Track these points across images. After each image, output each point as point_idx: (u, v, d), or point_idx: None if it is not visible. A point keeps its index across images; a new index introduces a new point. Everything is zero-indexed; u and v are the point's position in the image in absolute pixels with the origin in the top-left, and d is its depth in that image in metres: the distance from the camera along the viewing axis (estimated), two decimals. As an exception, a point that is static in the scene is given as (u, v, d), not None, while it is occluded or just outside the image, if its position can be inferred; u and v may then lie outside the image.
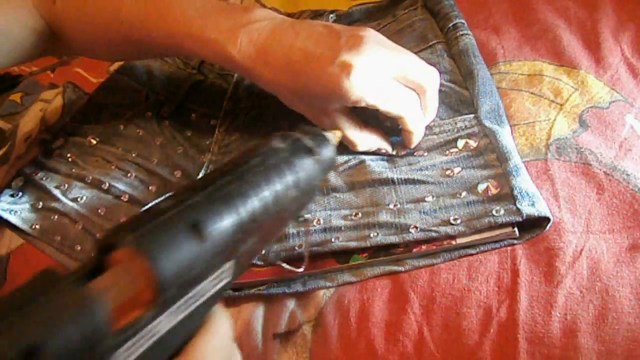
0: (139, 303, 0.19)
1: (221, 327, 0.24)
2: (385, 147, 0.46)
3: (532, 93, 0.48)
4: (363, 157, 0.46)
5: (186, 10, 0.44)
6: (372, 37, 0.42)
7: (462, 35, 0.52)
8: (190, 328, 0.22)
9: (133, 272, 0.18)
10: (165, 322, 0.20)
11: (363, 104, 0.41)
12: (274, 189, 0.25)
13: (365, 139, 0.45)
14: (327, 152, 0.31)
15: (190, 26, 0.44)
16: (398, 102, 0.42)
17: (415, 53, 0.53)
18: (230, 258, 0.22)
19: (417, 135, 0.45)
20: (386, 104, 0.41)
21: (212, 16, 0.44)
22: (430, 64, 0.52)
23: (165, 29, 0.45)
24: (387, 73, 0.41)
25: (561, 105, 0.46)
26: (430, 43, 0.54)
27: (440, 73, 0.51)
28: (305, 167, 0.27)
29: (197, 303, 0.21)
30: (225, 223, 0.21)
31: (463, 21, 0.54)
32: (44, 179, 0.53)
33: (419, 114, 0.44)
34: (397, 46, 0.44)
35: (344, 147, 0.47)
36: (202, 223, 0.21)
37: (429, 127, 0.47)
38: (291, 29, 0.43)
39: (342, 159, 0.46)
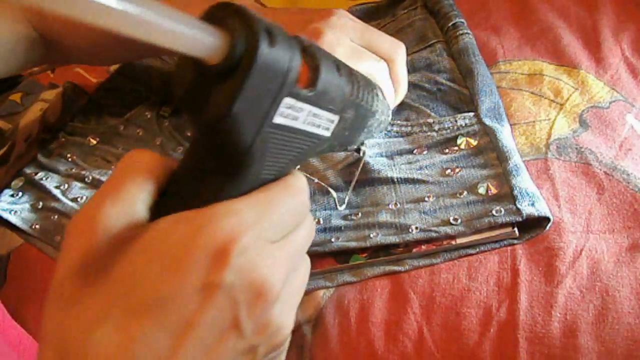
0: (305, 84, 0.23)
1: (304, 178, 0.28)
2: None
3: (532, 93, 0.48)
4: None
5: (173, 2, 0.45)
6: (342, 12, 0.44)
7: (461, 34, 0.52)
8: (288, 159, 0.26)
9: (305, 66, 0.23)
10: (302, 116, 0.24)
11: None
12: (369, 93, 0.31)
13: None
14: (388, 105, 0.38)
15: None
16: (367, 67, 0.43)
17: (415, 52, 0.53)
18: (339, 112, 0.27)
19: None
20: (354, 66, 0.43)
21: (197, 5, 0.46)
22: (430, 63, 0.52)
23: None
24: (355, 40, 0.43)
25: (561, 104, 0.46)
26: (430, 42, 0.54)
27: (440, 72, 0.51)
28: (382, 102, 0.34)
29: (312, 128, 0.26)
30: (349, 80, 0.27)
31: (463, 20, 0.54)
32: (44, 179, 0.53)
33: (387, 80, 0.45)
34: (365, 25, 0.46)
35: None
36: (342, 68, 0.27)
37: (428, 125, 0.47)
38: (270, 11, 0.47)
39: (340, 156, 0.46)
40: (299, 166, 0.29)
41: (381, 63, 0.44)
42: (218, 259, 0.22)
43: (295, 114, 0.23)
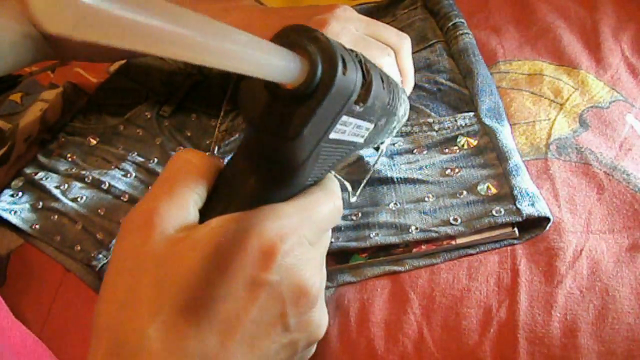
0: (358, 95, 0.24)
1: (337, 182, 0.29)
2: None
3: (532, 92, 0.48)
4: (362, 154, 0.46)
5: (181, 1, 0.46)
6: (346, 6, 0.45)
7: (461, 34, 0.52)
8: (328, 164, 0.27)
9: (359, 73, 0.24)
10: (349, 129, 0.25)
11: None
12: (398, 99, 0.32)
13: None
14: (408, 103, 0.39)
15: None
16: (374, 57, 0.43)
17: (415, 52, 0.53)
18: (375, 120, 0.28)
19: None
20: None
21: (204, 2, 0.48)
22: (430, 63, 0.52)
23: None
24: (360, 30, 0.44)
25: (561, 104, 0.46)
26: (430, 42, 0.54)
27: (440, 72, 0.51)
28: (405, 100, 0.36)
29: (352, 138, 0.27)
30: (388, 90, 0.29)
31: (463, 20, 0.54)
32: (44, 179, 0.53)
33: (397, 73, 0.45)
34: (370, 18, 0.46)
35: None
36: (384, 79, 0.28)
37: (428, 124, 0.47)
38: (274, 10, 0.48)
39: None
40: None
41: (388, 51, 0.44)
42: (265, 259, 0.23)
43: (345, 128, 0.25)
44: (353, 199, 0.43)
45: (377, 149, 0.41)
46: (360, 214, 0.42)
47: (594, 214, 0.39)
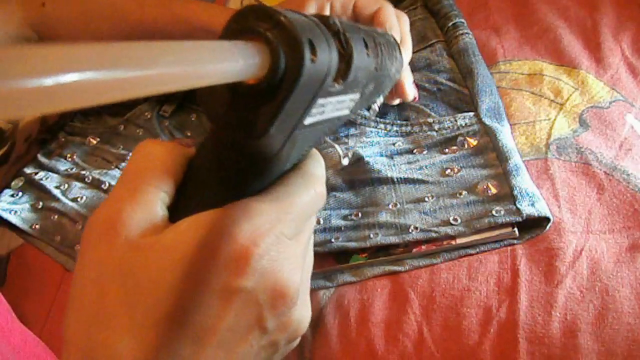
0: (334, 76, 0.22)
1: (322, 160, 0.27)
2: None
3: (532, 92, 0.48)
4: (361, 153, 0.46)
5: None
6: None
7: (461, 34, 0.52)
8: (309, 144, 0.25)
9: (334, 52, 0.22)
10: (329, 108, 0.23)
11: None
12: (390, 57, 0.30)
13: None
14: (402, 58, 0.37)
15: (194, 10, 0.47)
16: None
17: (415, 52, 0.53)
18: (362, 89, 0.26)
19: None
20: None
21: None
22: (430, 63, 0.52)
23: (168, 15, 0.47)
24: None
25: (561, 104, 0.46)
26: (430, 42, 0.54)
27: (440, 72, 0.51)
28: (398, 58, 0.33)
29: (336, 113, 0.25)
30: (375, 54, 0.26)
31: (463, 20, 0.54)
32: (44, 179, 0.53)
33: (391, 17, 0.45)
34: None
35: (343, 143, 0.47)
36: (368, 43, 0.25)
37: (428, 124, 0.47)
38: None
39: (340, 156, 0.46)
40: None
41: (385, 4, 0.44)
42: (238, 265, 0.21)
43: (323, 109, 0.23)
44: (345, 162, 0.43)
45: (368, 108, 0.40)
46: (360, 214, 0.42)
47: (594, 214, 0.39)
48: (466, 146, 0.44)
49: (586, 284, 0.35)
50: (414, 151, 0.46)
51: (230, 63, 0.16)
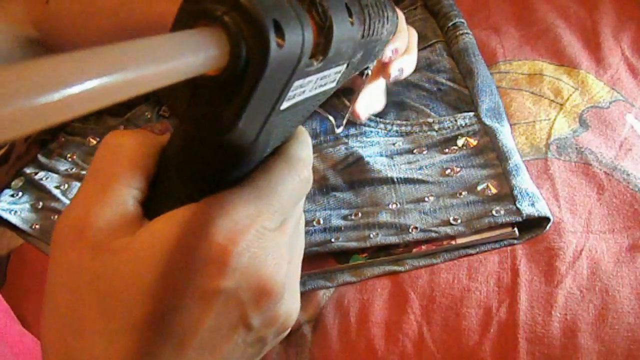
0: (312, 52, 0.20)
1: (309, 139, 0.25)
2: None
3: (532, 92, 0.48)
4: (361, 153, 0.46)
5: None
6: None
7: (461, 34, 0.52)
8: (293, 124, 0.24)
9: (313, 25, 0.20)
10: (309, 87, 0.21)
11: None
12: (381, 20, 0.27)
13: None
14: (397, 18, 0.34)
15: None
16: None
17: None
18: (348, 59, 0.24)
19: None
20: None
21: None
22: (430, 63, 0.52)
23: (174, 10, 0.46)
24: None
25: (561, 104, 0.46)
26: (430, 42, 0.54)
27: (440, 72, 0.51)
28: (390, 18, 0.31)
29: (320, 89, 0.23)
30: (360, 21, 0.24)
31: (463, 20, 0.54)
32: (44, 179, 0.53)
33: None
34: None
35: (343, 143, 0.47)
36: (352, 9, 0.22)
37: (428, 124, 0.47)
38: None
39: (340, 156, 0.46)
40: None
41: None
42: (217, 266, 0.20)
43: (303, 89, 0.21)
44: (338, 130, 0.42)
45: (361, 74, 0.37)
46: (360, 214, 0.42)
47: (594, 214, 0.39)
48: (466, 146, 0.44)
49: (586, 284, 0.35)
50: (414, 151, 0.46)
51: (181, 59, 0.14)
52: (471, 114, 0.46)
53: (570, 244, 0.37)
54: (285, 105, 0.20)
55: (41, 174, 0.54)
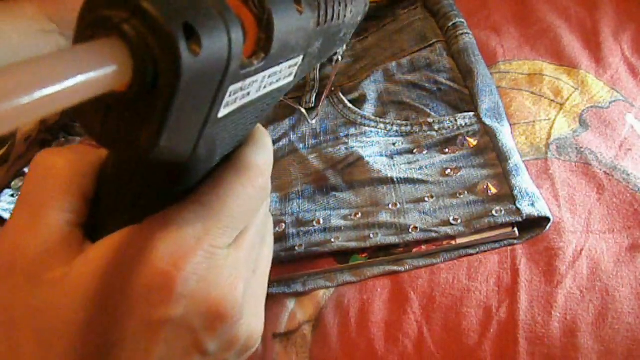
0: (250, 50, 0.18)
1: (267, 140, 0.23)
2: None
3: (532, 92, 0.48)
4: (362, 154, 0.46)
5: None
6: None
7: (461, 34, 0.52)
8: (246, 126, 0.21)
9: (249, 17, 0.18)
10: (255, 87, 0.19)
11: None
12: (342, 2, 0.24)
13: None
14: None
15: None
16: None
17: (415, 52, 0.53)
18: (303, 51, 0.22)
19: None
20: None
21: None
22: (430, 63, 0.52)
23: None
24: None
25: (561, 104, 0.46)
26: (430, 42, 0.54)
27: (440, 72, 0.51)
28: None
29: (272, 87, 0.20)
30: (313, 7, 0.21)
31: (463, 20, 0.54)
32: (44, 179, 0.53)
33: None
34: None
35: (343, 143, 0.47)
36: None
37: (428, 124, 0.47)
38: None
39: (340, 156, 0.46)
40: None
41: None
42: (160, 293, 0.19)
43: (246, 92, 0.19)
44: (312, 122, 0.40)
45: (330, 61, 0.35)
46: (360, 214, 0.42)
47: (594, 214, 0.39)
48: (466, 146, 0.44)
49: (586, 284, 0.35)
50: (414, 151, 0.46)
51: (75, 79, 0.12)
52: (471, 114, 0.46)
53: (570, 244, 0.37)
54: (224, 112, 0.18)
55: (41, 174, 0.54)
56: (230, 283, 0.20)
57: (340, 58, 0.34)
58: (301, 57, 0.22)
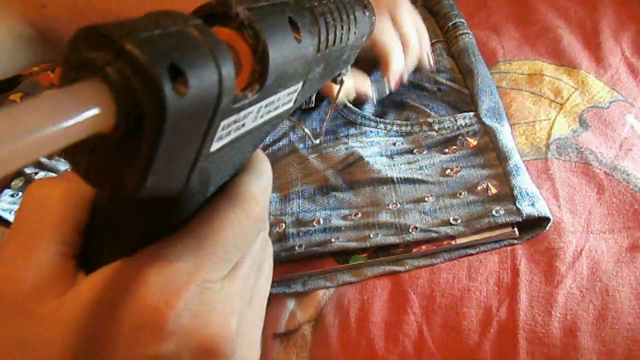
0: (245, 82, 0.18)
1: (266, 168, 0.22)
2: (366, 88, 0.46)
3: (532, 92, 0.48)
4: (362, 154, 0.46)
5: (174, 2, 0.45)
6: None
7: (461, 34, 0.52)
8: (244, 155, 0.21)
9: (244, 47, 0.17)
10: (250, 119, 0.19)
11: None
12: (344, 25, 0.24)
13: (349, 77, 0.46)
14: (374, 15, 0.30)
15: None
16: (385, 32, 0.42)
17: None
18: (303, 78, 0.21)
19: (395, 60, 0.44)
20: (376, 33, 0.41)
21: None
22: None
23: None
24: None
25: (561, 104, 0.46)
26: (430, 42, 0.54)
27: (440, 72, 0.51)
28: (361, 20, 0.27)
29: (270, 115, 0.20)
30: (312, 34, 0.21)
31: (463, 20, 0.54)
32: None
33: (394, 39, 0.43)
34: None
35: (343, 143, 0.47)
36: (299, 22, 0.20)
37: (428, 124, 0.47)
38: None
39: (340, 156, 0.46)
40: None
41: (382, 19, 0.42)
42: (151, 330, 0.18)
43: (241, 123, 0.18)
44: (316, 141, 0.41)
45: (334, 81, 0.36)
46: (360, 214, 0.42)
47: (594, 214, 0.39)
48: (466, 146, 0.44)
49: (586, 284, 0.35)
50: (414, 151, 0.46)
51: (58, 124, 0.12)
52: (471, 114, 0.46)
53: (570, 244, 0.37)
54: (216, 145, 0.17)
55: (41, 174, 0.54)
56: (223, 318, 0.20)
57: (344, 78, 0.34)
58: (301, 83, 0.21)
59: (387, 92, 0.45)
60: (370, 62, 0.44)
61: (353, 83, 0.45)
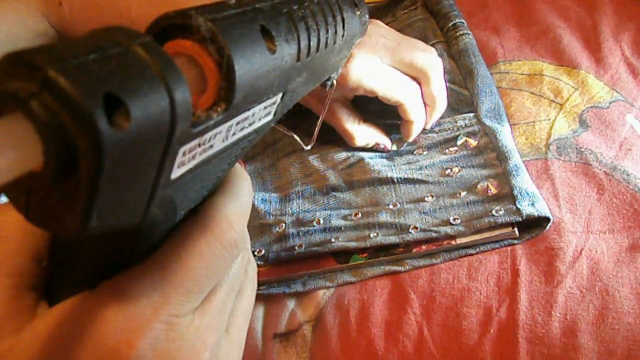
0: (211, 100, 0.16)
1: (243, 186, 0.21)
2: (384, 141, 0.46)
3: (532, 93, 0.48)
4: (362, 154, 0.46)
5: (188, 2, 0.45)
6: (374, 30, 0.43)
7: (461, 35, 0.52)
8: (217, 174, 0.19)
9: (209, 62, 0.16)
10: (219, 139, 0.17)
11: (361, 91, 0.42)
12: (330, 29, 0.22)
13: (363, 133, 0.46)
14: (366, 13, 0.27)
15: None
16: (397, 88, 0.42)
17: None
18: (281, 89, 0.19)
19: (416, 125, 0.44)
20: (385, 90, 0.42)
21: None
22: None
23: None
24: (385, 60, 0.42)
25: (561, 105, 0.46)
26: (430, 43, 0.54)
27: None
28: (350, 20, 0.25)
29: (244, 132, 0.18)
30: (290, 42, 0.19)
31: (463, 21, 0.54)
32: (44, 179, 0.53)
33: (418, 102, 0.44)
34: (400, 36, 0.44)
35: (344, 143, 0.47)
36: (274, 30, 0.18)
37: None
38: None
39: (341, 156, 0.46)
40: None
41: (412, 83, 0.43)
42: None
43: (207, 145, 0.16)
44: (307, 148, 0.42)
45: (324, 85, 0.31)
46: (360, 214, 0.42)
47: (594, 214, 0.39)
48: (466, 146, 0.44)
49: (586, 284, 0.35)
50: (414, 152, 0.46)
51: None
52: (471, 114, 0.46)
53: (570, 244, 0.37)
54: (178, 172, 0.16)
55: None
56: (194, 354, 0.19)
57: (334, 82, 0.32)
58: (279, 95, 0.19)
59: (405, 145, 0.47)
60: (392, 114, 0.45)
61: (374, 138, 0.46)
